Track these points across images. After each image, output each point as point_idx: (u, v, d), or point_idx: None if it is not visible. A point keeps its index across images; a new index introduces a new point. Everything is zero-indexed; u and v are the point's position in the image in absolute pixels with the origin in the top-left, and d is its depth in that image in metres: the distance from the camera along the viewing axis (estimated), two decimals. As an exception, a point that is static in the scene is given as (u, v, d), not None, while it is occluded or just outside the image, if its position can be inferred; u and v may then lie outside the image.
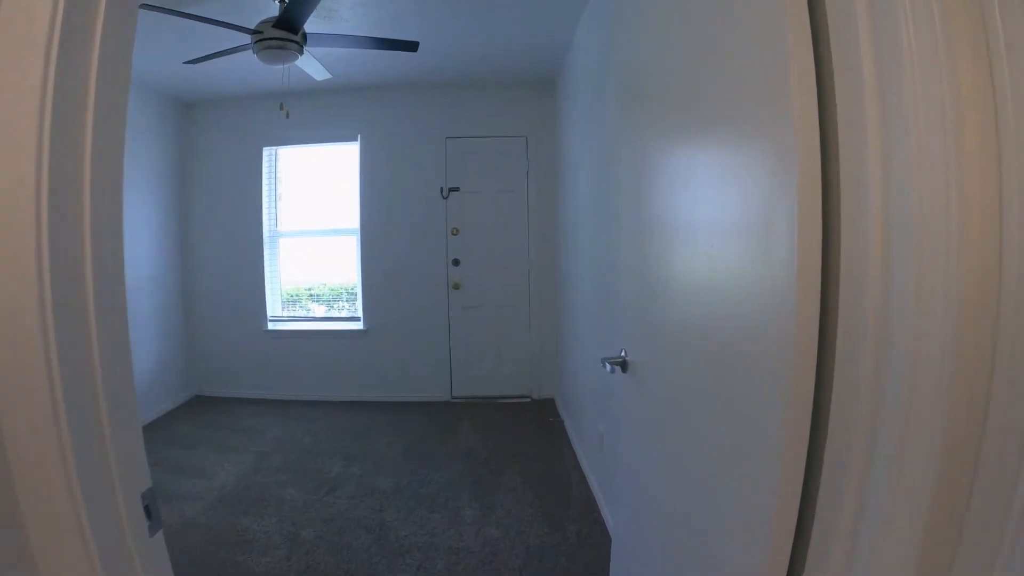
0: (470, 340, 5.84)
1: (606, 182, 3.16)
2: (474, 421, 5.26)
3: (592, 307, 3.75)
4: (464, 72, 5.34)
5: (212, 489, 4.01)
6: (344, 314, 6.25)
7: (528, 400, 5.80)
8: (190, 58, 3.87)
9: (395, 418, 5.39)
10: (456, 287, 5.78)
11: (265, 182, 6.09)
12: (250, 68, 4.72)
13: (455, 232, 5.76)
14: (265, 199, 6.10)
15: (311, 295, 6.42)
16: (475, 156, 5.77)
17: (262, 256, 6.09)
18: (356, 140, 5.88)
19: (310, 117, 5.84)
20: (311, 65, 3.83)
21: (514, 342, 5.81)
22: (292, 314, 6.37)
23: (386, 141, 5.84)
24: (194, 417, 5.64)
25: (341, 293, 6.34)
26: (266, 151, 6.09)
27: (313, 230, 6.33)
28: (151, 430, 5.33)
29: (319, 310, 6.35)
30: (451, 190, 5.75)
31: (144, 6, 2.94)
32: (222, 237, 6.17)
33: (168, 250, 6.00)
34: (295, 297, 6.41)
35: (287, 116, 4.11)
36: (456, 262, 5.77)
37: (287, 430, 5.15)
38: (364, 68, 5.14)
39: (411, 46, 3.66)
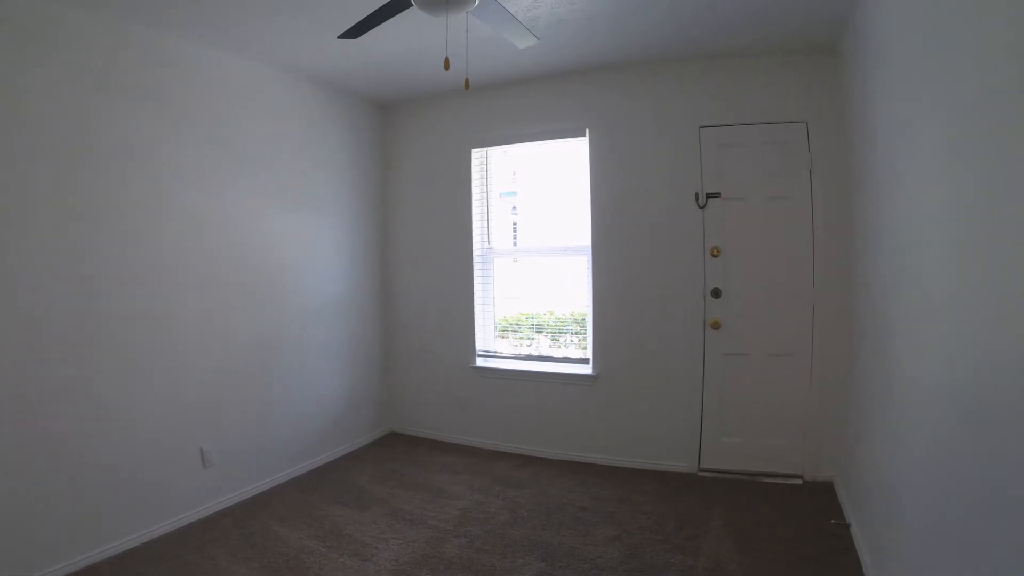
0: (729, 397, 4.70)
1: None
2: (727, 512, 4.10)
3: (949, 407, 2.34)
4: (718, 38, 4.29)
5: (359, 579, 3.38)
6: (571, 350, 5.45)
7: (799, 482, 4.54)
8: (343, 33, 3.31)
9: (622, 494, 4.43)
10: (715, 326, 4.69)
11: (476, 191, 5.60)
12: (442, 57, 4.29)
13: (715, 253, 4.68)
14: (476, 211, 5.60)
15: (534, 324, 5.69)
16: (738, 150, 4.66)
17: (471, 279, 5.61)
18: (584, 135, 5.08)
19: (526, 109, 5.28)
20: (506, 23, 3.06)
21: (787, 403, 4.58)
22: (509, 345, 5.74)
23: (622, 134, 4.96)
24: (380, 463, 5.26)
25: (569, 325, 5.52)
26: (476, 154, 5.58)
27: (536, 248, 5.70)
28: (330, 471, 5.08)
29: (543, 342, 5.60)
30: (709, 196, 4.69)
31: None
32: (427, 254, 5.83)
33: (364, 268, 5.81)
34: (515, 326, 5.75)
35: (467, 87, 3.43)
36: (716, 293, 4.68)
37: (482, 498, 4.45)
38: (590, 41, 4.37)
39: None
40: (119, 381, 3.67)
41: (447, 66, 2.92)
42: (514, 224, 5.76)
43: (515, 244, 5.76)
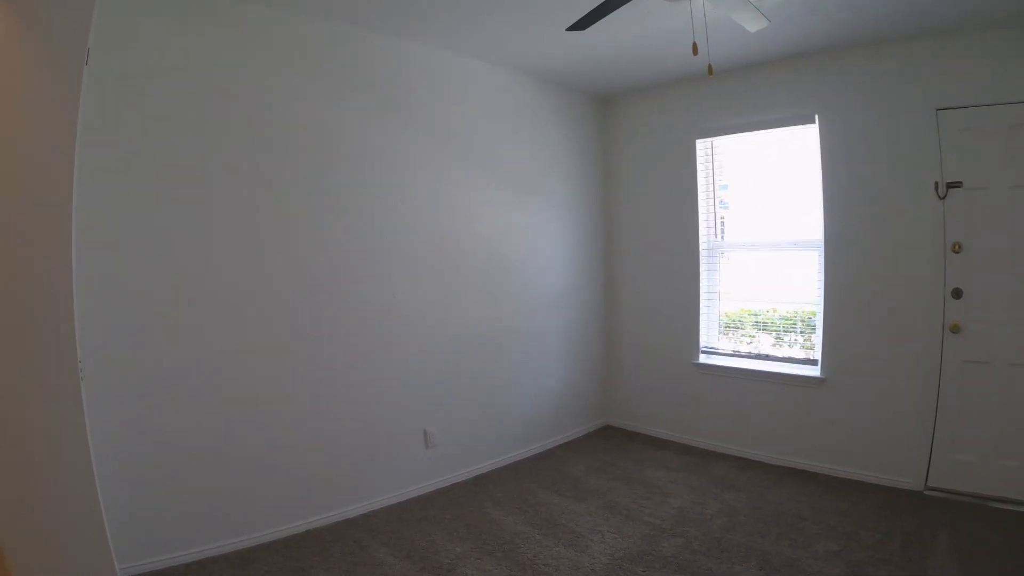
0: (966, 409, 4.30)
1: None
2: (954, 536, 3.74)
3: None
4: (946, 11, 3.92)
5: (575, 570, 3.46)
6: (796, 351, 5.27)
7: (1036, 511, 4.08)
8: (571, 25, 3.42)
9: (844, 507, 4.24)
10: (955, 330, 4.32)
11: (702, 182, 5.61)
12: (668, 46, 4.49)
13: (956, 249, 4.30)
14: (702, 203, 5.60)
15: (757, 322, 5.58)
16: (981, 134, 4.21)
17: (697, 273, 5.63)
18: (813, 122, 4.92)
19: (751, 97, 5.20)
20: (739, 6, 3.05)
21: (1027, 421, 4.13)
22: (729, 342, 5.69)
23: (853, 120, 4.72)
24: (595, 455, 5.45)
25: (795, 323, 5.34)
26: (700, 145, 5.60)
27: (763, 242, 5.48)
28: (545, 459, 5.32)
29: (766, 340, 5.47)
30: (950, 186, 4.32)
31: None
32: (649, 247, 5.97)
33: (587, 262, 6.05)
34: (737, 322, 5.69)
35: (710, 73, 3.48)
36: (957, 293, 4.31)
37: (698, 498, 4.48)
38: (815, 22, 4.21)
39: None
40: (361, 359, 4.25)
41: (695, 51, 3.03)
42: (721, 218, 5.66)
43: (722, 238, 5.65)
